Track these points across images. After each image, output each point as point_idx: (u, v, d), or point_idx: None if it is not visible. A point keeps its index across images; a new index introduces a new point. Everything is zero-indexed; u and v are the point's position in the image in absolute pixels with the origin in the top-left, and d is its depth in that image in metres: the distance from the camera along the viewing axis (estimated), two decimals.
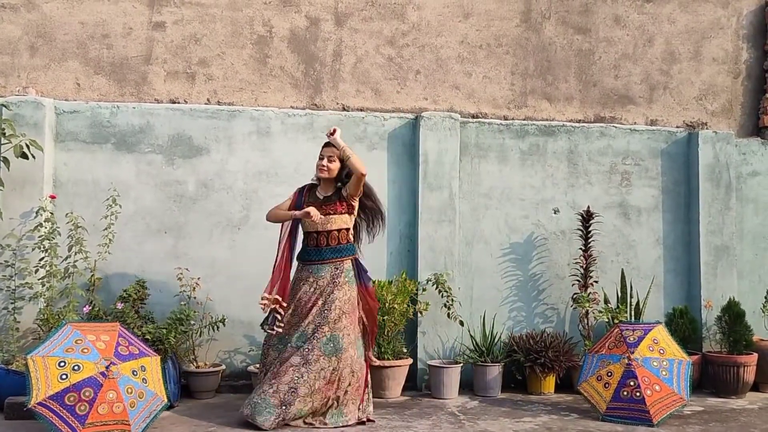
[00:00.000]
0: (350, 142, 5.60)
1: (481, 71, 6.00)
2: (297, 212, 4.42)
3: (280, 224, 4.58)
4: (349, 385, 4.32)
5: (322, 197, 4.50)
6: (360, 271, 4.51)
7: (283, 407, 4.16)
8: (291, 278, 4.48)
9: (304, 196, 4.55)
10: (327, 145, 4.50)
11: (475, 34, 6.00)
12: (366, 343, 4.54)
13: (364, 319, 4.51)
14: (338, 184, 4.51)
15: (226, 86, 5.71)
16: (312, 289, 4.38)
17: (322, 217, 4.36)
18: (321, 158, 4.48)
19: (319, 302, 4.34)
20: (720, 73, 6.30)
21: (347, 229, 4.47)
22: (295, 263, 4.55)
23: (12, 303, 4.98)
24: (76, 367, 3.81)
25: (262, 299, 4.38)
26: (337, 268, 4.40)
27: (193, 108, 5.51)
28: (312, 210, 4.33)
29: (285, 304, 4.36)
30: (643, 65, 6.20)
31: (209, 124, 5.49)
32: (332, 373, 4.26)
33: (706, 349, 5.72)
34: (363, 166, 4.37)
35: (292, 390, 4.18)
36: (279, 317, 4.34)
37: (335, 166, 4.44)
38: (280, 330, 4.35)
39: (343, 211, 4.45)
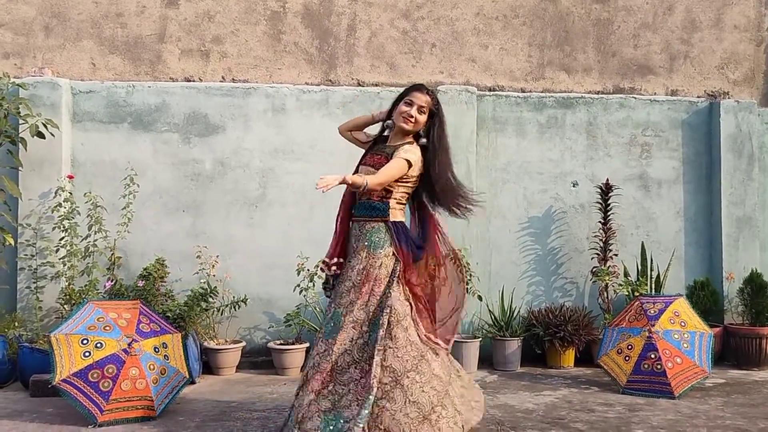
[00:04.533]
0: None
1: (498, 43, 5.92)
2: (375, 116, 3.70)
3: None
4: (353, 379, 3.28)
5: (382, 147, 3.58)
6: (399, 237, 3.46)
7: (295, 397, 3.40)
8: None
9: (374, 144, 3.66)
10: (417, 89, 3.54)
11: (491, 5, 5.91)
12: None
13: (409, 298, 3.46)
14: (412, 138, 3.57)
15: (241, 63, 5.69)
16: (353, 253, 3.50)
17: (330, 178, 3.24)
18: (409, 104, 3.49)
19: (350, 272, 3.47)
20: (742, 41, 6.17)
21: (386, 189, 3.45)
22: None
23: (34, 282, 5.04)
24: (98, 345, 3.85)
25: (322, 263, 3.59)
26: (360, 231, 3.48)
27: (208, 86, 5.50)
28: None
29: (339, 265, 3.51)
30: (663, 34, 6.07)
31: (224, 101, 5.48)
32: (323, 358, 3.33)
33: (728, 321, 5.67)
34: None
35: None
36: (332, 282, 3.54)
37: (423, 118, 3.50)
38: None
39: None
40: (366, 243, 3.43)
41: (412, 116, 3.48)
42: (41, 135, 4.91)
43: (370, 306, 3.37)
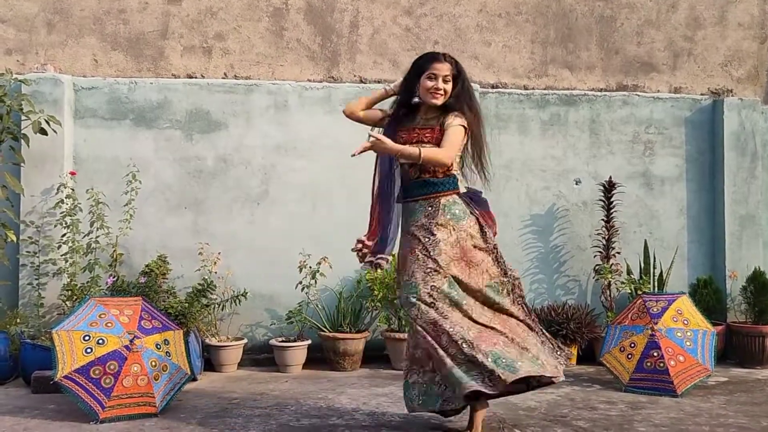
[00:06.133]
0: None
1: (501, 40, 5.90)
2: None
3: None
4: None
5: (419, 121, 3.49)
6: (478, 204, 3.51)
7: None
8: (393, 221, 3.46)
9: (398, 121, 3.52)
10: (435, 59, 3.43)
11: (494, 2, 5.89)
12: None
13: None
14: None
15: (243, 60, 5.68)
16: (410, 236, 3.46)
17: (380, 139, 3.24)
18: (433, 78, 3.39)
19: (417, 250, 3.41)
20: (746, 39, 6.14)
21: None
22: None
23: (36, 279, 5.04)
24: (100, 341, 3.85)
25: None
26: (432, 206, 3.43)
27: (210, 83, 5.49)
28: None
29: (369, 243, 3.44)
30: (666, 31, 6.05)
31: (227, 98, 5.47)
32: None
33: (731, 320, 5.66)
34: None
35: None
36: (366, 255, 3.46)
37: (450, 87, 3.41)
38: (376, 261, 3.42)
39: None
40: (448, 216, 3.40)
41: (440, 89, 3.38)
42: (43, 131, 4.91)
43: (474, 277, 3.39)
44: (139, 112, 5.41)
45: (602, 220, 5.64)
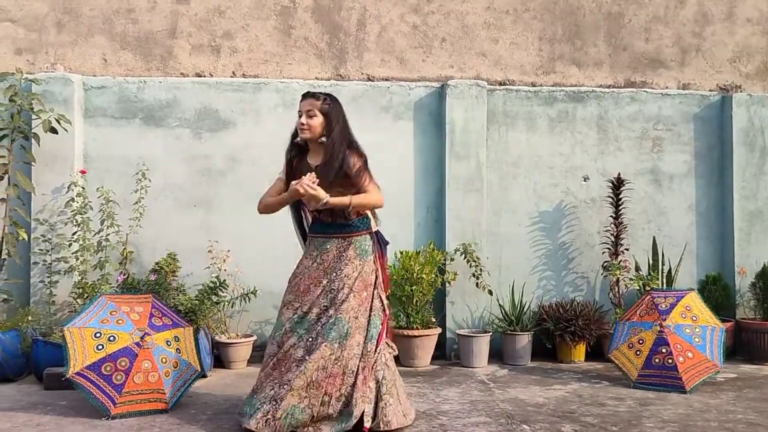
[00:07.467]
0: (376, 113, 5.60)
1: (508, 37, 5.90)
2: (286, 195, 3.62)
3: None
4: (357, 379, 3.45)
5: (314, 167, 3.63)
6: (380, 245, 3.72)
7: (273, 403, 3.40)
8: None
9: (295, 167, 3.74)
10: (302, 97, 3.66)
11: None
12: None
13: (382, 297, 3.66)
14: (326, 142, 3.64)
15: (251, 59, 5.70)
16: (315, 265, 3.66)
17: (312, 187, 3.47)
18: (300, 115, 3.63)
19: (324, 281, 3.60)
20: (755, 34, 6.12)
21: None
22: None
23: (48, 276, 5.09)
24: (111, 338, 3.88)
25: None
26: (346, 240, 3.63)
27: (218, 81, 5.52)
28: (304, 181, 3.46)
29: None
30: (674, 27, 6.04)
31: (235, 97, 5.50)
32: (334, 363, 3.44)
33: (740, 316, 5.64)
34: (374, 200, 3.61)
35: (287, 383, 3.43)
36: None
37: (317, 121, 3.58)
38: None
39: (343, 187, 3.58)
40: (358, 252, 3.61)
41: (304, 124, 3.60)
42: (54, 130, 4.96)
43: (368, 311, 3.58)
44: (148, 111, 5.44)
45: (610, 216, 5.63)
